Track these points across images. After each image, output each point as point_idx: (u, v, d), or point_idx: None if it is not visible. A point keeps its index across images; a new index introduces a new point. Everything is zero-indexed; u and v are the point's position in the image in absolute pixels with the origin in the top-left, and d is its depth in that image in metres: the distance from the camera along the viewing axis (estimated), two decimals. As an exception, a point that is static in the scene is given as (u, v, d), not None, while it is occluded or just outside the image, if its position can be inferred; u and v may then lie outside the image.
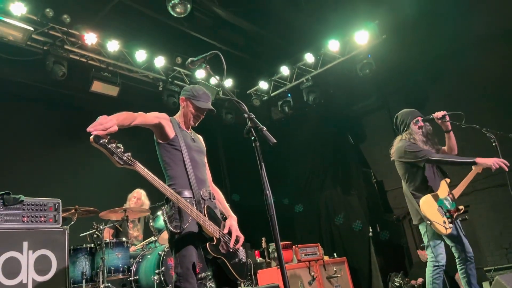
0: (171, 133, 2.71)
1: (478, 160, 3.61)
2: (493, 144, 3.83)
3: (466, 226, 6.42)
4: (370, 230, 6.77)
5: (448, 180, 3.97)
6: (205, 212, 2.53)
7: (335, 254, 6.39)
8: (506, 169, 3.56)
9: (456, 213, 3.72)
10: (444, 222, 3.61)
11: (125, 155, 2.15)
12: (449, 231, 3.60)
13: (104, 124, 2.10)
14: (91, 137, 2.04)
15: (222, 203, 2.87)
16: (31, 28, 5.35)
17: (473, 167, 3.91)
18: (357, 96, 7.91)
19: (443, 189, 3.86)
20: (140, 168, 2.22)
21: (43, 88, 6.24)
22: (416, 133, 3.93)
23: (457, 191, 3.91)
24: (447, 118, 3.89)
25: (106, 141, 2.07)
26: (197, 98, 2.83)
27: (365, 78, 6.97)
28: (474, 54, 6.52)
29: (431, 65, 6.94)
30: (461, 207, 3.76)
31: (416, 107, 7.21)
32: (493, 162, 3.57)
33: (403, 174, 3.92)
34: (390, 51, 6.68)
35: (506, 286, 2.34)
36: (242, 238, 2.68)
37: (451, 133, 3.96)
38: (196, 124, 2.93)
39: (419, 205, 3.68)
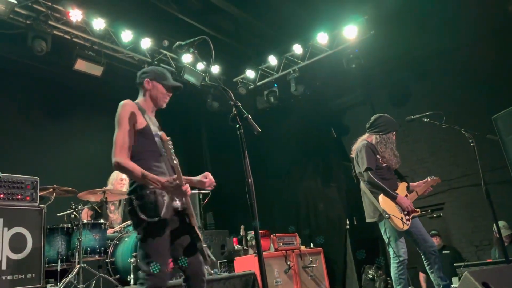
0: (142, 122, 2.55)
1: (398, 199, 3.80)
2: (471, 144, 3.95)
3: (440, 223, 6.65)
4: (347, 222, 6.89)
5: (405, 184, 4.10)
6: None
7: (311, 244, 6.49)
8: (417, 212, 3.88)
9: (413, 213, 3.84)
10: (402, 218, 3.73)
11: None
12: (406, 227, 3.72)
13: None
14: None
15: None
16: (14, 1, 5.18)
17: (428, 178, 4.15)
18: (343, 90, 7.97)
19: (401, 190, 3.99)
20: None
21: (25, 63, 6.08)
22: (392, 143, 4.05)
23: (413, 196, 4.06)
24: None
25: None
26: (163, 77, 2.71)
27: (351, 73, 7.02)
28: (459, 54, 6.63)
29: (417, 63, 7.03)
30: (417, 209, 3.89)
31: (400, 103, 7.36)
32: (406, 206, 3.78)
33: (361, 172, 4.01)
34: (378, 47, 6.73)
35: (474, 281, 2.43)
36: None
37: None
38: (165, 106, 2.78)
39: (378, 201, 3.77)
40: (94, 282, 4.39)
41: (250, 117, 2.13)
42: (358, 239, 6.90)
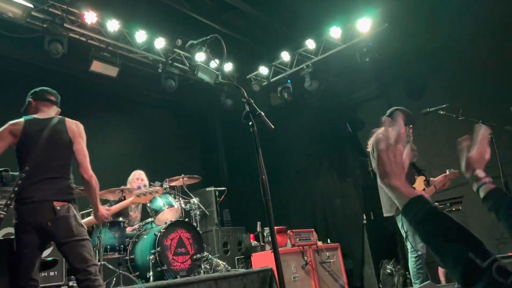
0: None
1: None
2: (489, 136, 3.88)
3: (459, 216, 6.54)
4: (364, 217, 6.84)
5: (423, 177, 4.05)
6: None
7: (328, 240, 6.48)
8: None
9: None
10: None
11: None
12: None
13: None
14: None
15: None
16: (31, 5, 5.29)
17: (447, 171, 4.11)
18: (357, 84, 7.90)
19: (419, 184, 3.95)
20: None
21: (42, 67, 6.22)
22: (409, 136, 4.04)
23: (431, 190, 4.01)
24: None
25: None
26: None
27: (365, 66, 6.95)
28: (476, 45, 6.49)
29: (432, 55, 6.91)
30: (436, 203, 3.85)
31: (416, 96, 7.25)
32: None
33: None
34: (392, 40, 6.64)
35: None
36: None
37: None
38: None
39: None
40: (114, 279, 4.48)
41: (263, 114, 2.14)
42: (376, 234, 6.85)
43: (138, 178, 5.57)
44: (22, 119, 2.88)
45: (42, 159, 2.75)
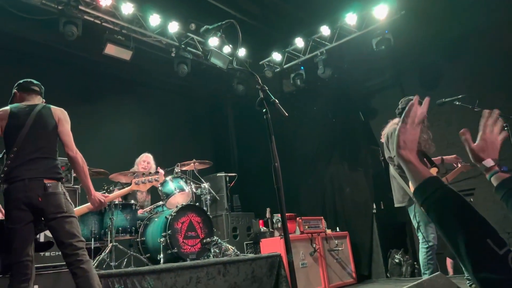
0: None
1: None
2: (505, 128, 3.82)
3: (470, 209, 6.47)
4: (374, 207, 6.83)
5: (436, 169, 4.00)
6: None
7: (337, 228, 6.49)
8: None
9: None
10: None
11: None
12: None
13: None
14: None
15: None
16: (46, -13, 5.31)
17: (458, 164, 4.05)
18: (371, 72, 7.79)
19: None
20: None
21: (56, 48, 6.25)
22: (424, 127, 3.95)
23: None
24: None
25: None
26: None
27: (380, 54, 6.84)
28: (494, 34, 6.34)
29: (449, 44, 6.77)
30: None
31: (431, 86, 7.14)
32: None
33: (392, 157, 3.96)
34: (408, 28, 6.52)
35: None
36: None
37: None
38: None
39: (408, 185, 3.72)
40: (125, 260, 4.57)
41: (278, 101, 2.12)
42: (385, 223, 6.85)
43: (144, 160, 5.64)
44: (8, 106, 3.01)
45: (29, 140, 2.83)
